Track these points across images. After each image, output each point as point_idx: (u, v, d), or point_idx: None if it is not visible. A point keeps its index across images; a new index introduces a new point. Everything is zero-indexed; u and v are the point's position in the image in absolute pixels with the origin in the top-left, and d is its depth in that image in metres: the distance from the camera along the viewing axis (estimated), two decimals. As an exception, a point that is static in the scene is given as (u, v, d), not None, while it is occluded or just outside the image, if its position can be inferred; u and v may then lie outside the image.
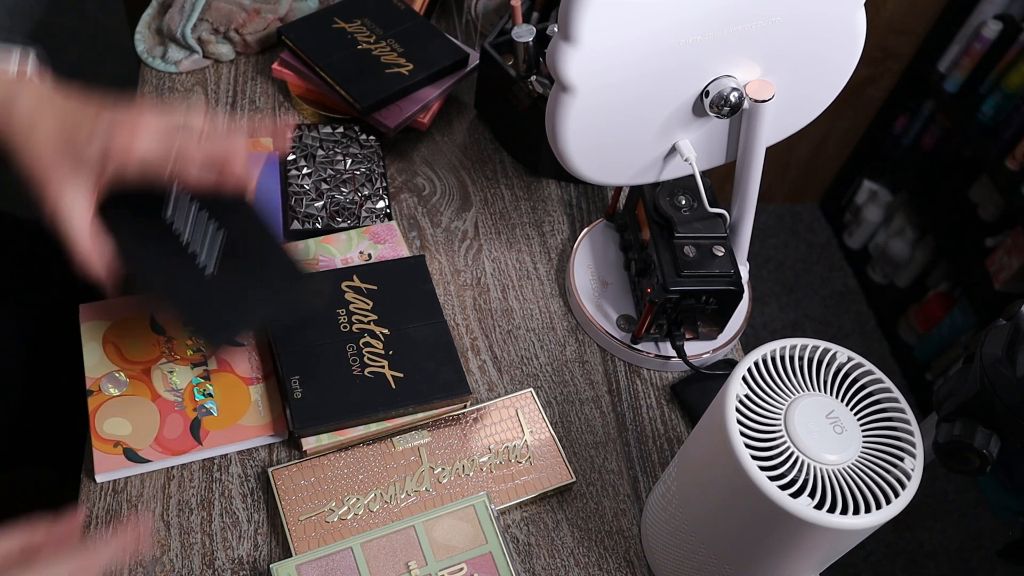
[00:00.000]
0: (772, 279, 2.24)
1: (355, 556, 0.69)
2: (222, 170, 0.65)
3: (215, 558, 0.70)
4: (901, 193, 2.17)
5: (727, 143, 0.77)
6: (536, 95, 0.91)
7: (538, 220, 0.97)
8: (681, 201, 0.82)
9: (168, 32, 1.03)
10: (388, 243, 0.89)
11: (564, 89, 0.66)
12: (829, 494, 0.54)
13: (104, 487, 0.73)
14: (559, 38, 0.63)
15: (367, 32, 1.01)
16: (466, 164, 1.01)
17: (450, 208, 0.96)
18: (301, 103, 1.01)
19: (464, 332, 0.86)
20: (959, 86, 1.87)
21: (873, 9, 1.81)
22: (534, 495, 0.75)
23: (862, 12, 0.70)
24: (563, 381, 0.84)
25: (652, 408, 0.84)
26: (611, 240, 0.93)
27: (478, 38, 1.10)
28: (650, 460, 0.81)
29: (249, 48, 1.05)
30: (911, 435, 0.56)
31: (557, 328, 0.88)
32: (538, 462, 0.77)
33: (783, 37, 0.69)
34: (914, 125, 2.06)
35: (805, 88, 0.74)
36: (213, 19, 1.02)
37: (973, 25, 1.82)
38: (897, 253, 2.16)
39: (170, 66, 1.04)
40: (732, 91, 0.69)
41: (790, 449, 0.56)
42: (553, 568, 0.73)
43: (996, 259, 1.83)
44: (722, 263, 0.79)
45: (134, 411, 0.75)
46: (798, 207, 2.41)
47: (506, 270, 0.92)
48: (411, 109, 0.96)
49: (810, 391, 0.59)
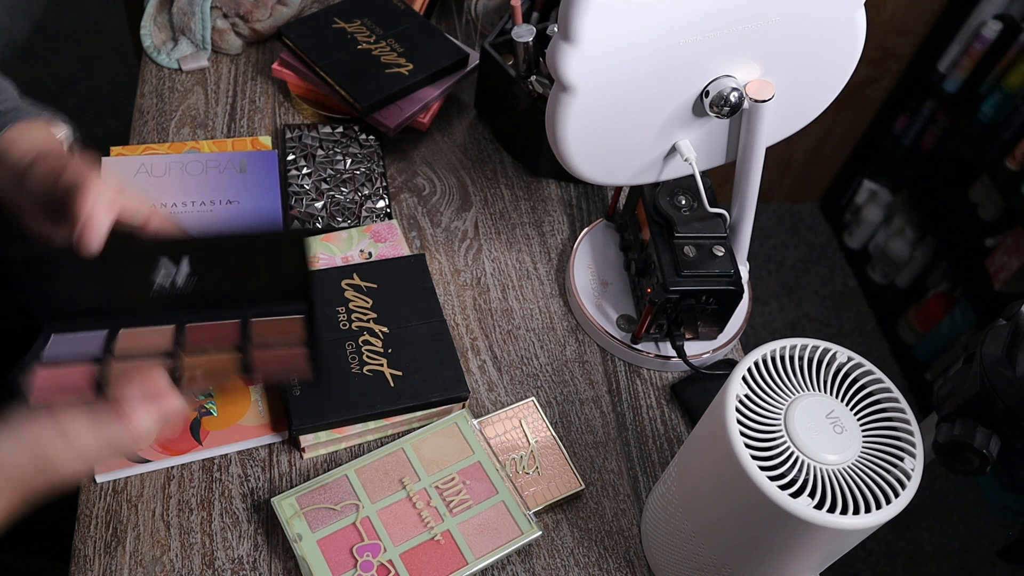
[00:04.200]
0: (772, 279, 2.24)
1: (351, 481, 0.73)
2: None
3: (215, 558, 0.70)
4: (901, 193, 2.16)
5: (727, 143, 0.77)
6: (536, 95, 0.91)
7: (538, 220, 0.97)
8: (681, 201, 0.82)
9: (180, 25, 1.03)
10: (389, 242, 0.89)
11: (564, 89, 0.66)
12: (829, 494, 0.54)
13: (104, 487, 0.73)
14: (559, 38, 0.63)
15: (367, 32, 1.01)
16: (466, 164, 1.01)
17: (450, 208, 0.96)
18: (301, 103, 1.01)
19: (464, 332, 0.86)
20: (959, 86, 1.87)
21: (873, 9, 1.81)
22: (544, 505, 0.75)
23: (862, 12, 0.70)
24: (563, 381, 0.84)
25: (652, 408, 0.84)
26: (611, 240, 0.93)
27: (478, 38, 1.10)
28: (650, 460, 0.81)
29: (260, 36, 1.05)
30: (911, 435, 0.56)
31: (557, 328, 0.88)
32: (546, 471, 0.77)
33: (783, 37, 0.69)
34: (914, 125, 2.06)
35: (805, 88, 0.74)
36: (222, 4, 1.02)
37: (973, 25, 1.82)
38: (897, 253, 2.16)
39: (172, 63, 1.04)
40: (732, 91, 0.69)
41: (790, 449, 0.56)
42: (553, 568, 0.73)
43: (996, 259, 1.83)
44: (722, 263, 0.79)
45: (134, 411, 0.75)
46: (798, 207, 2.41)
47: (506, 270, 0.92)
48: (411, 109, 0.96)
49: (810, 391, 0.59)
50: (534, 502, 0.75)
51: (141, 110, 1.00)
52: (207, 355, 0.65)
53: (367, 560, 0.69)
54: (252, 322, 0.67)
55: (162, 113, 1.00)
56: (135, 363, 0.63)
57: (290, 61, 0.99)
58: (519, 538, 0.71)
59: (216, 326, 0.67)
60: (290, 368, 0.65)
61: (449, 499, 0.73)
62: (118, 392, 0.57)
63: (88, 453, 0.56)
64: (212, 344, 0.66)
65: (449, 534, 0.71)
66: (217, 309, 0.68)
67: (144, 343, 0.66)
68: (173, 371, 0.62)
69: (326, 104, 1.00)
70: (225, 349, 0.65)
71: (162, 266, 0.65)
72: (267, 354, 0.65)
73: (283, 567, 0.70)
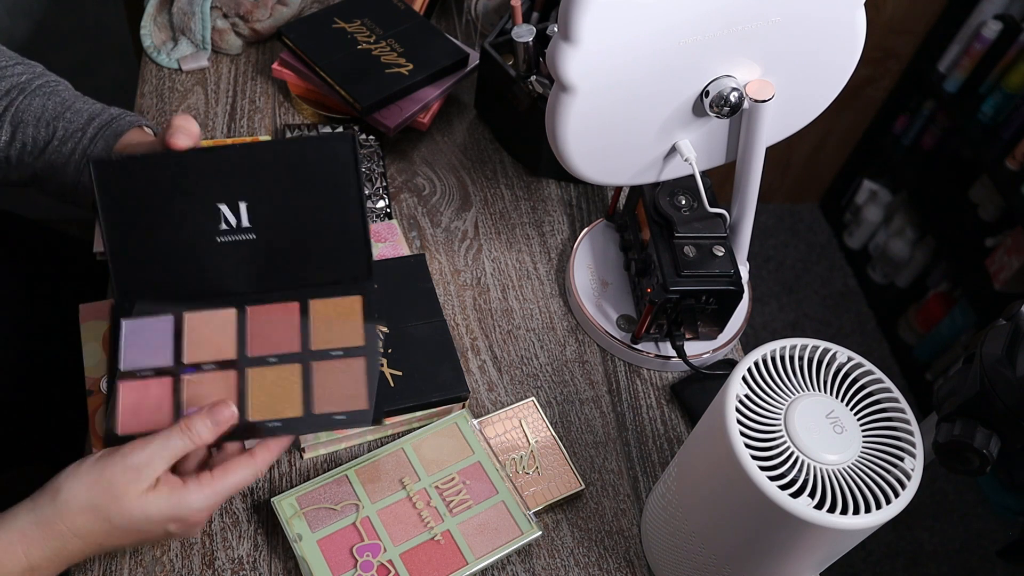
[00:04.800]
0: (772, 279, 2.24)
1: (351, 481, 0.73)
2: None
3: (215, 558, 0.70)
4: (901, 193, 2.17)
5: (727, 143, 0.77)
6: (536, 95, 0.91)
7: (538, 220, 0.97)
8: (681, 201, 0.82)
9: (180, 25, 1.03)
10: (389, 242, 0.89)
11: (564, 89, 0.66)
12: (829, 494, 0.54)
13: (104, 487, 0.73)
14: (559, 38, 0.63)
15: (367, 32, 1.01)
16: (466, 164, 1.01)
17: (450, 208, 0.96)
18: (301, 103, 1.01)
19: (464, 332, 0.86)
20: (959, 86, 1.87)
21: (873, 9, 1.81)
22: (544, 505, 0.75)
23: (862, 12, 0.70)
24: (563, 381, 0.84)
25: (652, 408, 0.84)
26: (611, 240, 0.93)
27: (478, 38, 1.10)
28: (650, 460, 0.81)
29: (260, 36, 1.05)
30: (911, 435, 0.56)
31: (557, 328, 0.88)
32: (546, 471, 0.77)
33: (783, 37, 0.69)
34: (914, 125, 2.06)
35: (805, 88, 0.74)
36: (222, 4, 1.02)
37: (973, 25, 1.82)
38: (897, 253, 2.16)
39: (172, 63, 1.04)
40: (732, 91, 0.69)
41: (790, 449, 0.56)
42: (553, 568, 0.73)
43: (996, 259, 1.83)
44: (722, 263, 0.79)
45: (134, 411, 0.75)
46: (798, 207, 2.41)
47: (506, 270, 0.92)
48: (411, 109, 0.96)
49: (810, 391, 0.59)
50: (534, 502, 0.75)
51: (141, 110, 1.00)
52: (270, 367, 0.68)
53: (367, 560, 0.69)
54: (311, 302, 0.70)
55: (162, 113, 1.00)
56: (203, 380, 0.67)
57: (290, 61, 0.99)
58: (519, 538, 0.71)
59: (277, 307, 0.70)
60: (348, 390, 0.68)
61: (449, 499, 0.73)
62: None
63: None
64: (274, 337, 0.69)
65: (449, 534, 0.71)
66: (279, 278, 0.70)
67: (209, 341, 0.68)
68: (241, 388, 0.66)
69: (326, 104, 1.00)
70: (287, 358, 0.68)
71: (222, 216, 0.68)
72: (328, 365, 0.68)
73: (283, 567, 0.70)
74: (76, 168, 0.76)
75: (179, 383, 0.66)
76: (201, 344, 0.68)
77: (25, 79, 0.78)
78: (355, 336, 0.69)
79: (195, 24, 1.02)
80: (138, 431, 0.64)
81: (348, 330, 0.69)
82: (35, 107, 0.77)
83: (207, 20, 1.02)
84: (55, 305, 0.91)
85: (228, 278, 0.69)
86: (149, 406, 0.65)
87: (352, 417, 0.66)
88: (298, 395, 0.66)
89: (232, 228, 0.68)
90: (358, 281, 0.71)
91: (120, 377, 0.66)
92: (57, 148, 0.76)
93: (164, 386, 0.66)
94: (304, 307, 0.70)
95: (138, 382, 0.66)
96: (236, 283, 0.70)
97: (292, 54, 0.99)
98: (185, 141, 0.65)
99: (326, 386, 0.67)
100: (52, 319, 0.91)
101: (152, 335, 0.68)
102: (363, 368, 0.68)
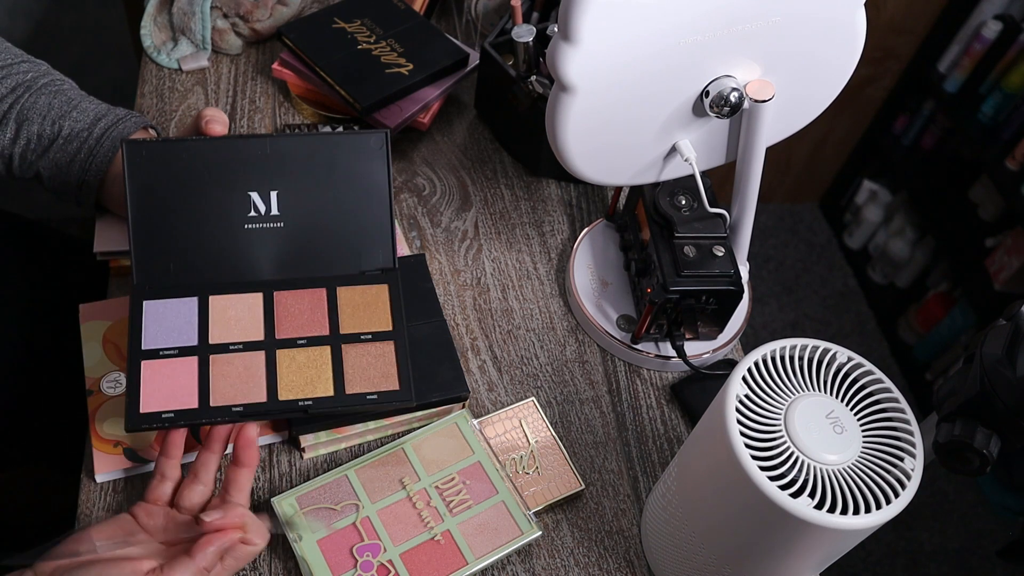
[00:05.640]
0: (772, 279, 2.24)
1: (350, 481, 0.73)
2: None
3: (215, 558, 0.70)
4: (901, 193, 2.17)
5: (727, 143, 0.77)
6: (536, 95, 0.91)
7: (538, 220, 0.97)
8: (681, 201, 0.82)
9: (180, 25, 1.03)
10: (388, 243, 0.89)
11: (564, 89, 0.66)
12: (829, 494, 0.54)
13: (104, 487, 0.73)
14: (559, 38, 0.63)
15: (367, 32, 1.01)
16: (466, 164, 1.01)
17: (450, 208, 0.96)
18: (301, 103, 1.01)
19: (464, 332, 0.86)
20: (959, 86, 1.87)
21: (873, 9, 1.81)
22: (544, 505, 0.75)
23: (862, 12, 0.70)
24: (563, 381, 0.84)
25: (652, 408, 0.84)
26: (611, 240, 0.93)
27: (478, 38, 1.10)
28: (650, 460, 0.81)
29: (260, 36, 1.05)
30: (911, 435, 0.56)
31: (557, 328, 0.88)
32: (546, 471, 0.77)
33: (783, 37, 0.69)
34: (914, 125, 2.06)
35: (805, 88, 0.74)
36: (222, 4, 1.02)
37: (973, 25, 1.82)
38: (897, 253, 2.16)
39: (172, 62, 1.04)
40: (732, 91, 0.69)
41: (790, 449, 0.56)
42: (553, 568, 0.73)
43: (996, 259, 1.83)
44: (722, 263, 0.79)
45: (134, 411, 0.75)
46: (798, 207, 2.41)
47: (506, 270, 0.92)
48: (411, 109, 0.96)
49: (810, 391, 0.59)
50: (534, 502, 0.75)
51: (141, 110, 1.00)
52: (299, 349, 0.68)
53: (367, 560, 0.69)
54: (339, 289, 0.71)
55: (162, 113, 1.00)
56: (231, 361, 0.67)
57: (290, 61, 0.99)
58: (519, 538, 0.71)
59: (304, 292, 0.71)
60: (380, 368, 0.69)
61: (449, 499, 0.73)
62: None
63: None
64: (302, 320, 0.69)
65: (449, 534, 0.71)
66: (306, 266, 0.71)
67: (236, 323, 0.69)
68: (269, 368, 0.67)
69: (326, 104, 1.00)
70: (316, 341, 0.69)
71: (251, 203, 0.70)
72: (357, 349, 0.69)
73: (283, 567, 0.70)
74: (80, 168, 0.76)
75: (206, 363, 0.66)
76: (228, 325, 0.69)
77: (31, 77, 0.78)
78: (383, 322, 0.71)
79: (195, 24, 1.02)
80: (162, 409, 0.64)
81: (376, 316, 0.71)
82: (40, 105, 0.77)
83: (207, 20, 1.02)
84: (55, 305, 0.91)
85: (253, 264, 0.70)
86: (173, 385, 0.66)
87: (384, 397, 0.67)
88: (328, 375, 0.67)
89: (260, 215, 0.69)
90: (383, 272, 0.73)
91: (143, 356, 0.66)
92: (62, 147, 0.76)
93: (189, 365, 0.66)
94: (332, 293, 0.71)
95: (161, 362, 0.67)
96: (261, 270, 0.70)
97: (292, 54, 0.99)
98: (221, 129, 0.67)
99: (357, 367, 0.68)
100: (52, 319, 0.91)
101: (175, 316, 0.69)
102: (393, 351, 0.69)
